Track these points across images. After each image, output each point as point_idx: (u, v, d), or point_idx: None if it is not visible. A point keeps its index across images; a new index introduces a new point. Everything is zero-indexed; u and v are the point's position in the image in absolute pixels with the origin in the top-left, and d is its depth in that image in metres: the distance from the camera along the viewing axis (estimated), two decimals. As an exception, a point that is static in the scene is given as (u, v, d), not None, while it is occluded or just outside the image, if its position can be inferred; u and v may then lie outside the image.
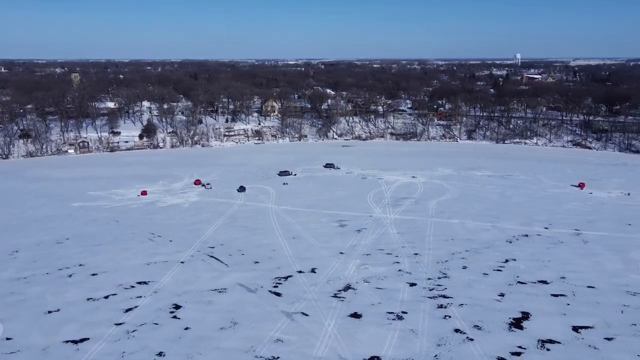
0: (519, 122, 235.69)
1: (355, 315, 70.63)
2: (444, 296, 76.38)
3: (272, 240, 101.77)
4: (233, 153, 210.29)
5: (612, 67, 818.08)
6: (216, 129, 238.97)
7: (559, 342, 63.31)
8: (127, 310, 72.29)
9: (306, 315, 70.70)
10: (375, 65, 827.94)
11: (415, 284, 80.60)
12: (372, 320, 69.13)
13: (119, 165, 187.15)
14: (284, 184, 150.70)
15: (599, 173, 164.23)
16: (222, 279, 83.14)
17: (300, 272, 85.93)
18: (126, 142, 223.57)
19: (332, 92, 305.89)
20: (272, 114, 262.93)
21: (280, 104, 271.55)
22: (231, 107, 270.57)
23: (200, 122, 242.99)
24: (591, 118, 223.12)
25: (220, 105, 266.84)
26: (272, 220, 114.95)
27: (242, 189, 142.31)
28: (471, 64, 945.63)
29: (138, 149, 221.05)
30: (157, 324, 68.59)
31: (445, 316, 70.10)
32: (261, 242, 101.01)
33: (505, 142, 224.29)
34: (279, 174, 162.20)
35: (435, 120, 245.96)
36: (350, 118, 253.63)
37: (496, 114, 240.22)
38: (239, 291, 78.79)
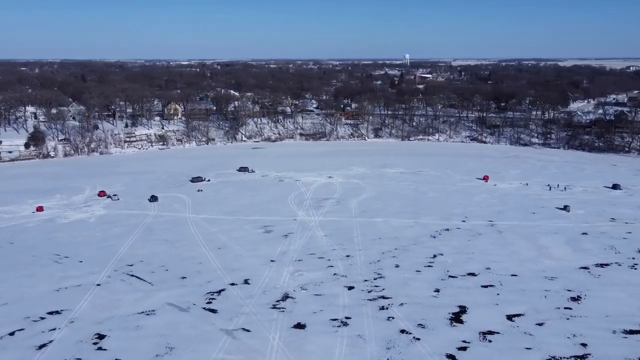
0: (421, 119, 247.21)
1: (299, 326, 68.08)
2: (383, 297, 76.43)
3: (196, 253, 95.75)
4: (137, 160, 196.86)
5: (489, 66, 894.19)
6: (115, 134, 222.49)
7: (498, 333, 65.78)
8: (40, 347, 63.32)
9: (248, 331, 66.81)
10: (272, 66, 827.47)
11: (353, 287, 79.86)
12: (318, 330, 67.05)
13: (4, 178, 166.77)
14: (198, 190, 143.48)
15: (497, 166, 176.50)
16: (149, 300, 76.22)
17: (232, 284, 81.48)
18: (10, 152, 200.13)
19: (236, 93, 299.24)
20: (175, 118, 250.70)
21: (183, 107, 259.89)
22: (129, 110, 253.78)
23: (97, 127, 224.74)
24: (484, 115, 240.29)
25: (118, 109, 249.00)
26: (193, 231, 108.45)
27: (153, 198, 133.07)
28: (364, 64, 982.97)
29: (25, 159, 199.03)
30: (80, 359, 60.78)
31: (389, 317, 70.00)
32: (185, 255, 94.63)
33: (410, 139, 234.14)
34: (192, 181, 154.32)
35: (343, 120, 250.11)
36: (259, 119, 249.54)
37: (400, 112, 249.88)
38: (170, 311, 72.65)
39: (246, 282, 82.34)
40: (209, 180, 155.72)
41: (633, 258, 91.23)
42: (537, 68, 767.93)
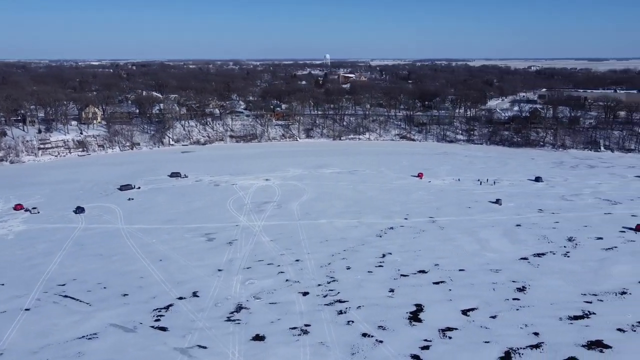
0: (351, 119, 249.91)
1: (258, 338, 65.33)
2: (340, 301, 75.41)
3: (136, 266, 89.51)
4: (54, 169, 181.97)
5: (406, 66, 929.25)
6: (27, 141, 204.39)
7: (456, 329, 66.94)
8: (-35, 387, 55.88)
9: (204, 347, 63.09)
10: (191, 66, 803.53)
11: (307, 293, 78.15)
12: (278, 340, 64.69)
13: None
14: (129, 199, 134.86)
15: (428, 163, 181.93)
16: (88, 322, 69.88)
17: (180, 298, 76.86)
18: None
19: (159, 95, 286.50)
20: (94, 122, 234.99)
21: (102, 110, 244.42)
22: (41, 115, 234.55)
23: (4, 134, 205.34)
24: (412, 113, 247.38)
25: (28, 113, 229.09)
26: (129, 243, 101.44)
27: (79, 209, 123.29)
28: (286, 64, 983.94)
29: None
30: (16, 396, 54.23)
31: (349, 321, 69.06)
32: (124, 270, 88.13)
33: (342, 138, 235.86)
34: (120, 189, 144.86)
35: (274, 121, 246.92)
36: (186, 122, 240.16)
37: (330, 112, 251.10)
38: (115, 333, 67.00)
39: (195, 294, 78.03)
40: (139, 188, 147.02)
41: (564, 246, 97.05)
42: (451, 68, 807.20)
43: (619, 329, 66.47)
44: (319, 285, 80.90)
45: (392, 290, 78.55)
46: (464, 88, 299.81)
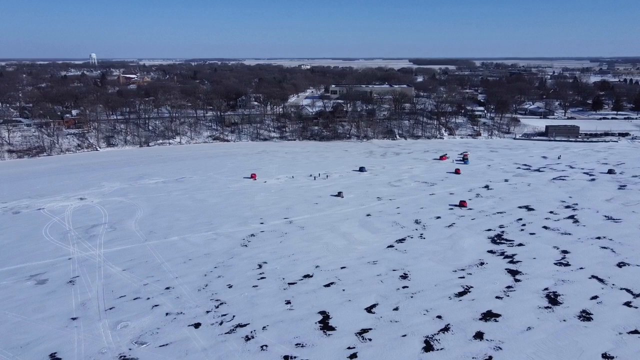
0: (157, 122, 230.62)
1: (167, 392, 54.19)
2: (240, 325, 67.78)
3: (-54, 338, 65.93)
4: None
5: (182, 66, 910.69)
6: None
7: (370, 329, 66.18)
8: None
9: None
10: None
11: (199, 324, 68.21)
12: (193, 389, 54.63)
13: None
14: None
15: (253, 162, 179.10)
16: None
17: (35, 367, 59.23)
18: None
19: None
20: None
21: None
22: None
23: None
24: (221, 113, 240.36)
25: None
26: None
27: None
28: (42, 64, 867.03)
29: None
30: None
31: (262, 347, 62.40)
32: None
33: (150, 144, 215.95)
34: None
35: (64, 130, 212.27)
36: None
37: (132, 116, 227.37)
38: None
39: (54, 357, 61.03)
40: None
41: (416, 229, 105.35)
42: (229, 67, 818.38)
43: (497, 297, 74.45)
44: (208, 312, 71.46)
45: (288, 302, 73.88)
46: (269, 86, 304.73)
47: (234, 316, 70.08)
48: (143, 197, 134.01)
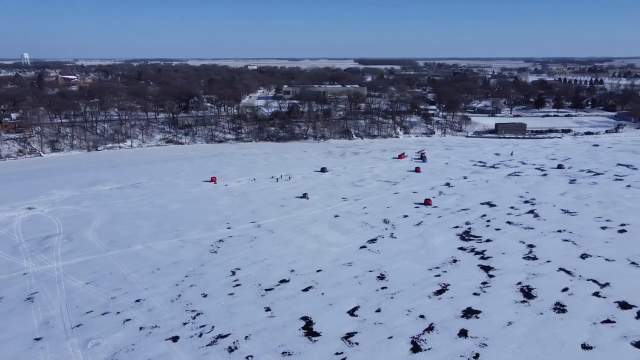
0: (105, 125, 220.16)
1: (152, 413, 51.05)
2: (221, 336, 65.21)
3: None
4: None
5: (124, 66, 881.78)
6: None
7: (356, 332, 65.37)
8: None
9: None
10: None
11: (177, 337, 65.05)
12: (180, 407, 51.77)
13: None
14: None
15: (211, 165, 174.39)
16: None
17: (0, 395, 54.40)
18: None
19: None
20: None
21: None
22: None
23: None
24: (174, 115, 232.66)
25: None
26: None
27: None
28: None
29: None
30: None
31: (247, 357, 60.23)
32: None
33: (99, 148, 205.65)
34: None
35: (3, 134, 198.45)
36: None
37: (79, 120, 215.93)
38: None
39: (20, 383, 56.33)
40: None
41: (386, 229, 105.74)
42: (173, 67, 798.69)
43: (475, 293, 75.62)
44: (185, 324, 68.29)
45: (268, 309, 71.87)
46: (221, 87, 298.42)
47: (213, 327, 67.34)
48: (98, 204, 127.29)
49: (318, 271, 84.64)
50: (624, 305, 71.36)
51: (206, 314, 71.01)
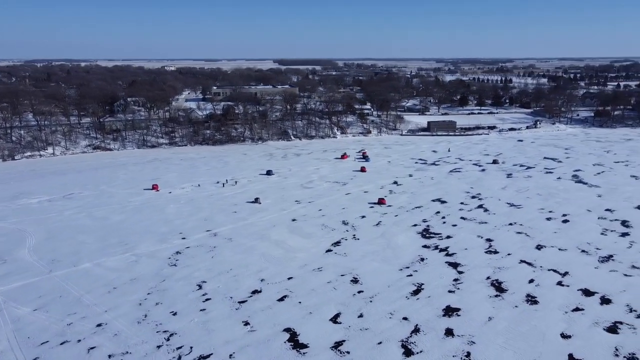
0: (22, 132, 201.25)
1: None
2: (202, 357, 60.82)
3: None
4: None
5: (25, 67, 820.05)
6: None
7: (344, 341, 63.69)
8: None
9: None
10: None
11: (154, 362, 59.71)
12: None
13: None
14: None
15: (149, 172, 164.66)
16: None
17: None
18: None
19: None
20: None
21: None
22: None
23: None
24: (100, 120, 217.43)
25: None
26: None
27: None
28: None
29: None
30: None
31: (237, 378, 56.48)
32: None
33: (16, 157, 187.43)
34: None
35: None
36: None
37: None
38: None
39: None
40: None
41: (347, 230, 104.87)
42: (83, 68, 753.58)
43: (450, 291, 76.59)
44: (159, 347, 63.02)
45: (247, 323, 68.23)
46: (149, 89, 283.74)
47: (191, 347, 62.69)
48: (29, 219, 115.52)
49: (289, 279, 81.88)
50: (587, 293, 75.39)
51: (180, 333, 66.02)
